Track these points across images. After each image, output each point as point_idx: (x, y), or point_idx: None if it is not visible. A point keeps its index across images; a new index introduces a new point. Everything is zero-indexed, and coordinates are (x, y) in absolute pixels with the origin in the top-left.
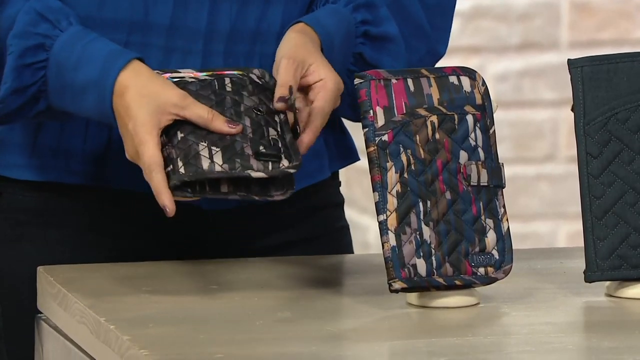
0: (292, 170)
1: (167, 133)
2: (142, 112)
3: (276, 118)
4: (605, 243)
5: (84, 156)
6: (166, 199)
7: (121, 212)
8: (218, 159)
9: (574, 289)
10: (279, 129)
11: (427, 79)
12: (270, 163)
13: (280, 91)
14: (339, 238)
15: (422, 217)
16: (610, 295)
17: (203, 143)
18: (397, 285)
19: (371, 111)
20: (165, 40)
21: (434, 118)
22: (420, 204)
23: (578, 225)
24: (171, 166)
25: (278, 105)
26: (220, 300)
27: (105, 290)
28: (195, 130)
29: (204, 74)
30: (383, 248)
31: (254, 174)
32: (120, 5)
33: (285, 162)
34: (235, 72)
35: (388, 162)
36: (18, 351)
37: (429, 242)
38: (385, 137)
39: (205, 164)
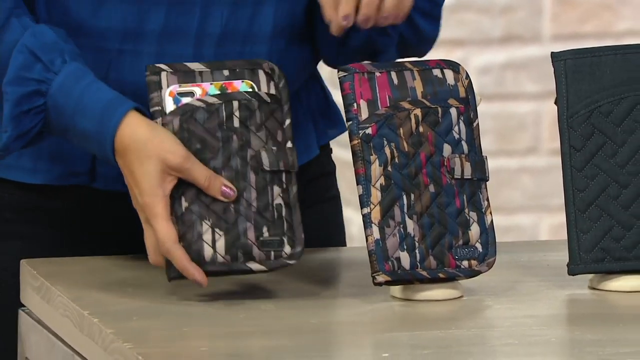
0: (292, 262)
1: (171, 194)
2: (146, 179)
3: (281, 165)
4: (588, 236)
5: (74, 160)
6: (195, 274)
7: (111, 212)
8: (220, 248)
9: (557, 282)
10: (284, 182)
11: (410, 72)
12: (272, 252)
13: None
14: (329, 208)
15: (405, 210)
16: (594, 288)
17: (207, 222)
18: (381, 278)
19: (355, 104)
20: (156, 46)
21: (418, 111)
22: (404, 197)
23: (560, 218)
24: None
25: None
26: (204, 293)
27: (88, 284)
28: (198, 196)
29: (213, 89)
30: (367, 241)
31: (255, 267)
32: (113, 14)
33: (287, 249)
34: (243, 87)
35: (372, 155)
36: (2, 344)
37: (412, 235)
38: (369, 130)
39: (208, 253)
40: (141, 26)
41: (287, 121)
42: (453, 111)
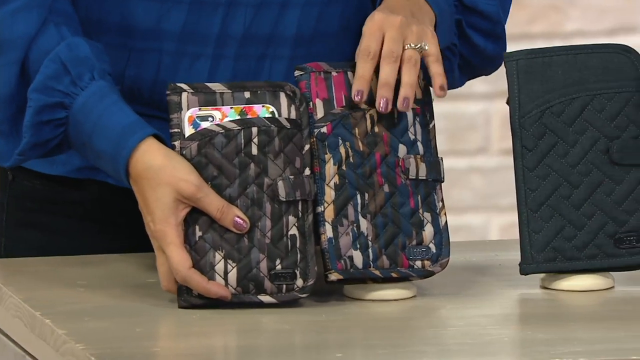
0: (303, 295)
1: (186, 221)
2: (159, 207)
3: (297, 194)
4: (540, 235)
5: None
6: (219, 290)
7: (126, 207)
8: (232, 279)
9: (509, 282)
10: (300, 211)
11: None
12: (284, 285)
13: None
14: None
15: (359, 209)
16: (545, 288)
17: (220, 252)
18: (333, 276)
19: (310, 103)
20: (176, 45)
21: (374, 111)
22: (358, 196)
23: (510, 218)
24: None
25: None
26: (157, 293)
27: (40, 284)
28: (212, 225)
29: (233, 113)
30: (320, 239)
31: (266, 300)
32: (135, 11)
33: (299, 282)
34: (263, 112)
35: (326, 154)
36: None
37: (366, 234)
38: (324, 129)
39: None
40: (161, 24)
41: (307, 147)
42: (409, 112)
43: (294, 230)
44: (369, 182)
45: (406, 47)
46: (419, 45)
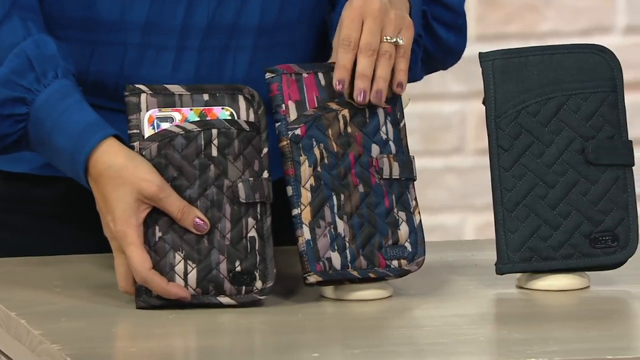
0: (262, 297)
1: (145, 222)
2: (120, 206)
3: (256, 197)
4: (516, 235)
5: None
6: (179, 291)
7: (90, 202)
8: (192, 280)
9: (485, 281)
10: (258, 213)
11: None
12: (243, 287)
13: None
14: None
15: (335, 210)
16: (521, 287)
17: (180, 253)
18: (312, 278)
19: (283, 105)
20: (140, 37)
21: (346, 112)
22: (334, 197)
23: (485, 217)
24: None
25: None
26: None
27: (16, 285)
28: (172, 225)
29: (193, 115)
30: (297, 242)
31: (225, 301)
32: (98, 5)
33: (258, 284)
34: (223, 114)
35: (301, 156)
36: None
37: (343, 235)
38: (298, 131)
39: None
40: (125, 17)
41: (265, 150)
42: (380, 112)
43: (253, 233)
44: (344, 183)
45: (383, 40)
46: (394, 40)
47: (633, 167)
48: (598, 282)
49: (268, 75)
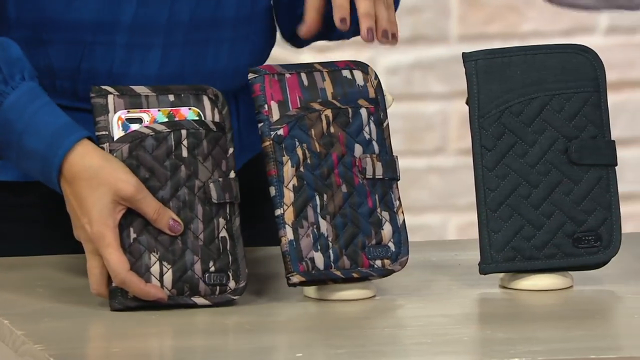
0: (236, 297)
1: (119, 223)
2: (97, 208)
3: (227, 197)
4: (499, 235)
5: None
6: (157, 292)
7: None
8: (168, 281)
9: (469, 281)
10: (228, 214)
11: (320, 73)
12: (217, 287)
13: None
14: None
15: (318, 210)
16: (505, 287)
17: (154, 255)
18: (296, 279)
19: (266, 106)
20: (128, 37)
21: (328, 112)
22: (317, 197)
23: (468, 217)
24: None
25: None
26: None
27: None
28: (147, 227)
29: (161, 116)
30: (280, 242)
31: (200, 302)
32: (86, 7)
33: (232, 284)
34: (191, 115)
35: (284, 156)
36: None
37: (326, 235)
38: (280, 132)
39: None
40: (113, 18)
41: (230, 150)
42: (363, 112)
43: (223, 233)
44: (327, 183)
45: None
46: None
47: (616, 167)
48: (581, 282)
49: (251, 75)
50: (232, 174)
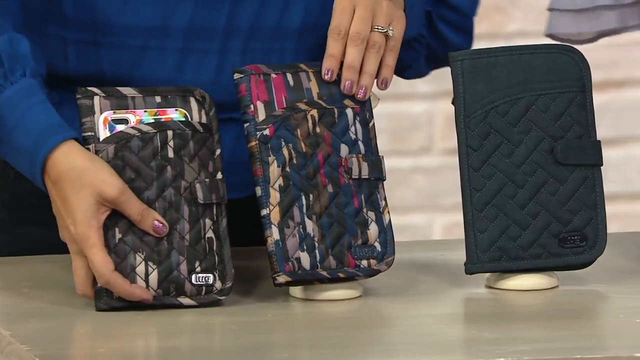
0: (222, 298)
1: (104, 224)
2: (81, 209)
3: (213, 198)
4: (485, 235)
5: None
6: (142, 293)
7: None
8: (153, 281)
9: (455, 281)
10: (215, 214)
11: (306, 73)
12: (203, 288)
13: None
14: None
15: (304, 210)
16: (491, 287)
17: (140, 255)
18: (282, 279)
19: (252, 106)
20: (182, 42)
21: (314, 112)
22: (303, 197)
23: (453, 217)
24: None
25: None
26: None
27: None
28: (132, 227)
29: (147, 117)
30: (266, 242)
31: (186, 302)
32: (139, 11)
33: (218, 284)
34: (177, 116)
35: (270, 156)
36: None
37: (312, 235)
38: (266, 132)
39: (141, 286)
40: (167, 23)
41: (218, 151)
42: (349, 112)
43: (210, 234)
44: (313, 183)
45: (374, 29)
46: (385, 30)
47: (601, 167)
48: (567, 282)
49: (236, 75)
50: (220, 175)
